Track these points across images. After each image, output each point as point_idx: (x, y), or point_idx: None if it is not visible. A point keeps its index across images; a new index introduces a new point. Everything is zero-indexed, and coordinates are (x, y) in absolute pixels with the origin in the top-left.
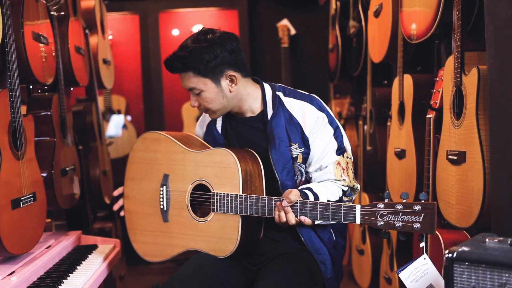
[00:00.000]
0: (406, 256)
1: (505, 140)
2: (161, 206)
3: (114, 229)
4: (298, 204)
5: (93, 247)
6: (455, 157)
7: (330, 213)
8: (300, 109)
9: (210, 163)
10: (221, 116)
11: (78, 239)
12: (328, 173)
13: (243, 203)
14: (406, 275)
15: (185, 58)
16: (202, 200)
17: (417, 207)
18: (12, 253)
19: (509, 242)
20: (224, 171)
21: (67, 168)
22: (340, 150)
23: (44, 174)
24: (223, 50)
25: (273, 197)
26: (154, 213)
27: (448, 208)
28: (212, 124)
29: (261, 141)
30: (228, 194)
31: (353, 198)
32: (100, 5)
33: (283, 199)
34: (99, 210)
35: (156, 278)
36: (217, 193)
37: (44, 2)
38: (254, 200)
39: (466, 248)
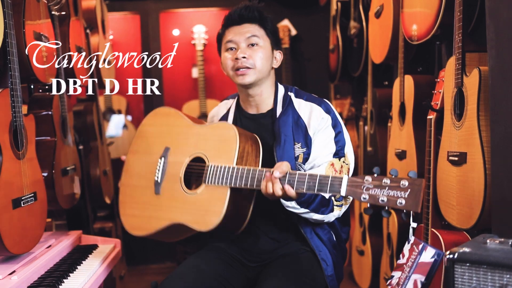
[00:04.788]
0: None
1: (506, 141)
2: (156, 178)
3: (114, 229)
4: (287, 175)
5: (94, 247)
6: (456, 158)
7: (317, 183)
8: (308, 110)
9: (212, 136)
10: (233, 111)
11: (78, 239)
12: (320, 172)
13: (234, 173)
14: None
15: (262, 11)
16: (198, 173)
17: (404, 182)
18: (12, 252)
19: (510, 243)
20: (223, 144)
21: (68, 168)
22: (338, 155)
23: (45, 174)
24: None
25: (264, 169)
26: (147, 186)
27: (448, 209)
28: (224, 119)
29: (267, 138)
30: (221, 165)
31: (343, 208)
32: (101, 5)
33: (274, 170)
34: (99, 210)
35: (156, 278)
36: (211, 165)
37: (46, 1)
38: (245, 172)
39: (467, 249)
